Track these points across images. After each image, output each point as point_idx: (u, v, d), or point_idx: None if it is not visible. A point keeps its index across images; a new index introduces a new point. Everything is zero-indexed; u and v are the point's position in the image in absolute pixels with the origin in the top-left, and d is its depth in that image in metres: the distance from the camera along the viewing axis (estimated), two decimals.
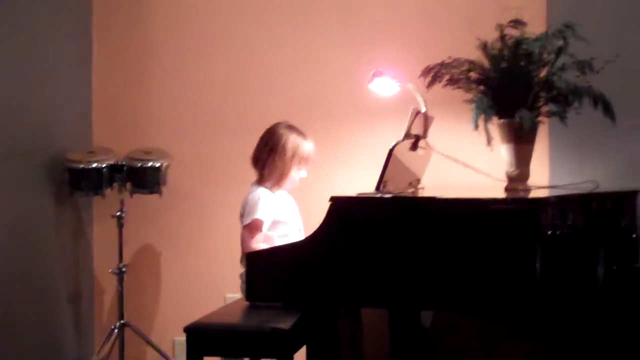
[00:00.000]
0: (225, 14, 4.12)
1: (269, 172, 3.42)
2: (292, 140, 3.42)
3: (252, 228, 3.33)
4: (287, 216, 3.46)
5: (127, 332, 3.97)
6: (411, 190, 3.28)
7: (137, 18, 4.23)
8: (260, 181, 3.46)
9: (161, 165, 3.90)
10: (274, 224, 3.40)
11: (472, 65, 3.14)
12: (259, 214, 3.33)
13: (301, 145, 3.43)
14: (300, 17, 4.03)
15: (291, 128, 3.46)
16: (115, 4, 4.26)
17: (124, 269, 3.94)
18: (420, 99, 3.26)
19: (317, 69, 4.00)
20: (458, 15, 3.74)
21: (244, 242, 3.34)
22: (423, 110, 3.22)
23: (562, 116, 3.06)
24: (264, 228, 3.36)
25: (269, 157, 3.41)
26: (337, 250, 2.76)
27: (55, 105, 3.97)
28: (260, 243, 3.32)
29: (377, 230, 2.73)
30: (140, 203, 4.06)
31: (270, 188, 3.45)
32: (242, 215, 3.40)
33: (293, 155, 3.41)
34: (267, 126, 3.50)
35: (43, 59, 3.88)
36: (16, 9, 3.69)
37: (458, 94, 3.20)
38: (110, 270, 3.96)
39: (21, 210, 3.73)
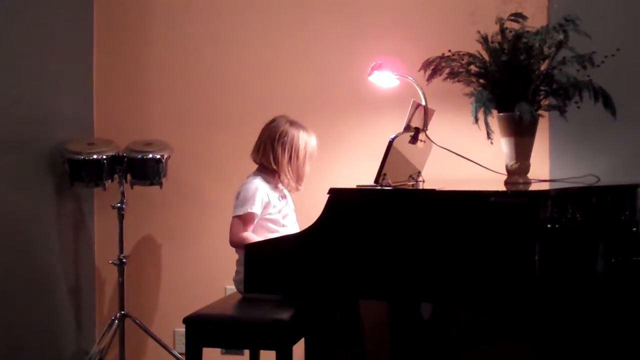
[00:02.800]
0: (227, 8, 4.12)
1: (284, 171, 3.39)
2: (301, 138, 3.40)
3: (244, 220, 3.32)
4: (279, 207, 3.44)
5: (128, 322, 3.98)
6: (411, 182, 3.29)
7: (138, 10, 4.23)
8: (261, 172, 3.46)
9: (162, 157, 3.90)
10: (265, 207, 3.38)
11: (472, 58, 3.14)
12: (253, 208, 3.32)
13: (310, 141, 3.43)
14: (300, 10, 4.03)
15: (294, 124, 3.43)
16: None
17: (124, 260, 3.95)
18: (420, 92, 3.26)
19: (317, 61, 4.00)
20: (458, 8, 3.73)
21: (233, 233, 3.33)
22: (423, 103, 3.22)
23: (562, 110, 3.06)
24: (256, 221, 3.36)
25: (283, 157, 3.38)
26: (337, 242, 2.76)
27: (56, 96, 3.98)
28: (250, 234, 3.31)
29: (376, 223, 2.73)
30: (140, 195, 4.08)
31: (270, 181, 3.44)
32: (235, 205, 3.39)
33: (305, 154, 3.41)
34: (267, 118, 3.50)
35: (44, 50, 3.88)
36: (17, 1, 3.70)
37: (458, 87, 3.21)
38: (110, 261, 3.96)
39: (21, 201, 3.73)
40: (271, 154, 3.41)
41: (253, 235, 3.30)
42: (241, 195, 3.36)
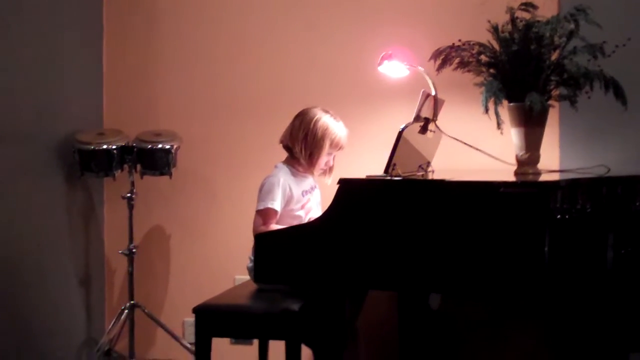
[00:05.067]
0: None
1: (298, 151, 3.36)
2: (324, 120, 3.37)
3: (264, 216, 3.27)
4: (302, 202, 3.41)
5: (137, 312, 3.99)
6: (421, 173, 3.28)
7: (147, 1, 4.22)
8: (288, 161, 3.44)
9: (171, 147, 3.90)
10: (288, 201, 3.34)
11: (483, 48, 3.13)
12: (273, 204, 3.27)
13: (333, 126, 3.38)
14: (309, 0, 4.02)
15: (325, 111, 3.41)
16: None
17: (134, 250, 3.96)
18: (430, 82, 3.25)
19: (326, 51, 3.99)
20: None
21: (254, 227, 3.28)
22: (433, 93, 3.21)
23: (572, 100, 3.05)
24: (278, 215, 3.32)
25: (298, 135, 3.36)
26: (346, 233, 2.76)
27: (66, 87, 3.98)
28: (272, 226, 3.28)
29: (386, 213, 2.73)
30: (150, 185, 4.08)
31: (299, 170, 3.42)
32: (257, 199, 3.33)
33: (324, 135, 3.35)
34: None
35: (53, 41, 3.88)
36: None
37: (468, 77, 3.20)
38: (120, 252, 3.97)
39: (32, 192, 3.74)
40: (290, 130, 3.40)
41: (275, 227, 3.24)
42: (264, 189, 3.31)
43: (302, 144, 3.35)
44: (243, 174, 3.95)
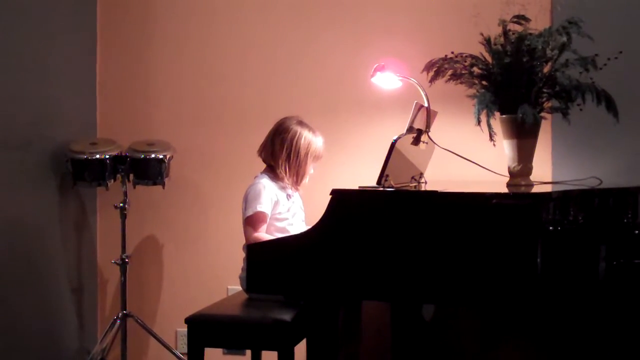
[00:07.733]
0: (226, 7, 4.12)
1: (282, 171, 3.39)
2: (305, 137, 3.40)
3: (254, 221, 3.31)
4: (288, 206, 3.44)
5: (130, 322, 3.98)
6: (413, 184, 3.29)
7: (140, 10, 4.23)
8: (268, 173, 3.46)
9: (164, 157, 3.90)
10: (274, 206, 3.37)
11: (475, 60, 3.14)
12: (261, 207, 3.31)
13: (314, 142, 3.43)
14: (302, 9, 4.03)
15: (302, 124, 3.44)
16: None
17: (126, 260, 3.95)
18: (423, 94, 3.26)
19: (319, 62, 4.00)
20: (461, 9, 3.73)
21: (246, 236, 3.32)
22: (426, 104, 3.22)
23: (564, 112, 3.06)
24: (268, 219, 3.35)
25: (281, 152, 3.39)
26: (339, 243, 2.76)
27: (59, 96, 3.98)
28: (263, 234, 3.31)
29: (378, 224, 2.73)
30: (143, 194, 4.08)
31: (286, 185, 3.43)
32: (243, 208, 3.39)
33: (307, 153, 3.40)
34: (270, 119, 3.51)
35: (48, 51, 3.89)
36: (22, 1, 3.70)
37: (461, 89, 3.21)
38: (113, 261, 3.96)
39: (24, 201, 3.74)
40: (271, 148, 3.42)
41: (265, 235, 3.27)
42: (249, 196, 3.35)
43: (286, 165, 3.40)
44: (236, 184, 3.94)
